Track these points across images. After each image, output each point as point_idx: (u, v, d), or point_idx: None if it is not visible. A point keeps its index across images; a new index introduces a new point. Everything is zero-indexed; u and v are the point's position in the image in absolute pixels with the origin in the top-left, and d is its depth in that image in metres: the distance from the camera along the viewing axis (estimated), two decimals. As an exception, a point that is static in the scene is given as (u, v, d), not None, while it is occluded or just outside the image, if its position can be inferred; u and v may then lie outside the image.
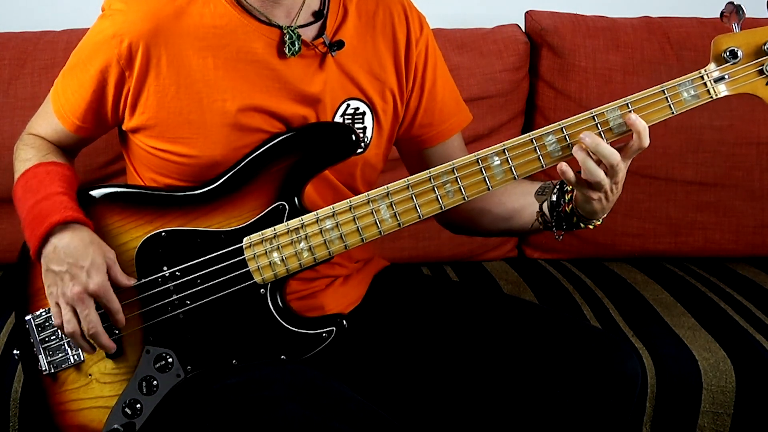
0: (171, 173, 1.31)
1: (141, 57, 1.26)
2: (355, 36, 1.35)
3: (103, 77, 1.29)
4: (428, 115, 1.43)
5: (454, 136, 1.47)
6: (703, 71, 1.22)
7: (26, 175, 1.32)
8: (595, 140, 1.19)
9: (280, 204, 1.27)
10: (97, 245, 1.25)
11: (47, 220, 1.24)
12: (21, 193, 1.31)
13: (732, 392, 1.53)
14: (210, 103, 1.27)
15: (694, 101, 1.22)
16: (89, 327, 1.23)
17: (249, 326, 1.27)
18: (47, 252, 1.24)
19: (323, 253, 1.25)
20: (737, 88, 1.22)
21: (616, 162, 1.19)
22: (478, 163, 1.22)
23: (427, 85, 1.42)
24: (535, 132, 1.21)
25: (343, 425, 1.12)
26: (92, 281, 1.22)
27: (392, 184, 1.24)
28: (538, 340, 1.28)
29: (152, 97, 1.28)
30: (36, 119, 1.42)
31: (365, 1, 1.38)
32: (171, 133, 1.29)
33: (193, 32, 1.27)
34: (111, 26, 1.28)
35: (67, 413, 1.31)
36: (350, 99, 1.35)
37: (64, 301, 1.23)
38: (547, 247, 2.02)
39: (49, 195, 1.27)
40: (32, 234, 1.25)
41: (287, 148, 1.28)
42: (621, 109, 1.21)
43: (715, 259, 2.02)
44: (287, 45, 1.28)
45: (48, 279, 1.24)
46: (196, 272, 1.27)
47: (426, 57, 1.42)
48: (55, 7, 2.11)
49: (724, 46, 1.22)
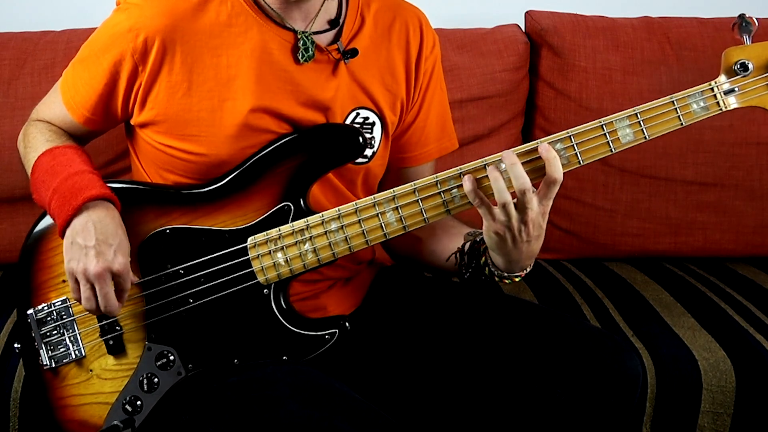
0: (177, 170, 1.31)
1: (155, 52, 1.26)
2: (370, 45, 1.35)
3: (116, 70, 1.29)
4: (416, 135, 1.43)
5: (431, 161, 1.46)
6: (714, 83, 1.21)
7: (54, 152, 1.30)
8: (513, 159, 1.16)
9: (285, 204, 1.27)
10: (124, 230, 1.24)
11: (84, 192, 1.22)
12: (48, 166, 1.29)
13: (732, 392, 1.53)
14: (220, 102, 1.27)
15: (704, 113, 1.21)
16: (106, 305, 1.21)
17: (251, 326, 1.27)
18: (77, 224, 1.22)
19: (327, 255, 1.25)
20: (747, 101, 1.21)
21: (524, 188, 1.15)
22: (485, 169, 1.21)
23: (424, 105, 1.43)
24: (544, 139, 1.21)
25: (344, 425, 1.12)
26: (117, 261, 1.21)
27: (398, 188, 1.23)
28: (538, 341, 1.28)
29: (163, 93, 1.28)
30: (42, 108, 1.41)
31: (383, 12, 1.38)
32: (179, 130, 1.28)
33: (208, 30, 1.27)
34: (127, 20, 1.27)
35: (67, 408, 1.31)
36: (360, 108, 1.35)
37: (84, 276, 1.21)
38: (547, 247, 2.01)
39: (84, 171, 1.26)
40: (65, 203, 1.23)
41: (294, 148, 1.28)
42: (630, 119, 1.20)
43: (715, 259, 2.02)
44: (300, 51, 1.28)
45: (71, 252, 1.22)
46: (199, 271, 1.27)
47: (431, 76, 1.42)
48: (55, 7, 2.10)
49: (735, 58, 1.21)
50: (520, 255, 1.21)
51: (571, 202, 1.96)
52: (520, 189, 1.15)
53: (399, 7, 1.40)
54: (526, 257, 1.23)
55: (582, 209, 1.97)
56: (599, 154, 1.21)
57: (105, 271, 1.20)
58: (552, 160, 1.15)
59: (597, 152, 1.21)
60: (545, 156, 1.16)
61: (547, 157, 1.16)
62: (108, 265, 1.20)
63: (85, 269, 1.20)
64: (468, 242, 1.33)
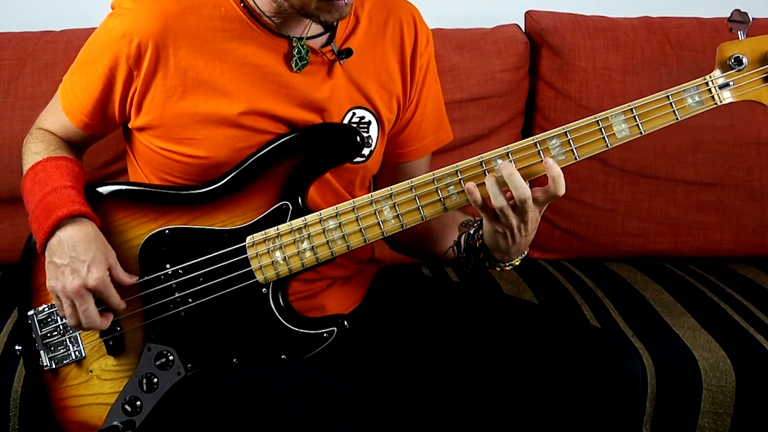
0: (175, 172, 1.31)
1: (149, 57, 1.26)
2: (365, 45, 1.35)
3: (111, 75, 1.29)
4: (413, 131, 1.44)
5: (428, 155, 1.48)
6: (708, 77, 1.21)
7: (35, 169, 1.32)
8: (510, 169, 1.17)
9: (283, 204, 1.27)
10: (101, 242, 1.25)
11: (55, 213, 1.24)
12: (30, 185, 1.31)
13: (732, 392, 1.53)
14: (216, 106, 1.27)
15: (699, 107, 1.21)
16: (87, 322, 1.23)
17: (250, 325, 1.27)
18: (52, 244, 1.24)
19: (326, 253, 1.25)
20: (742, 95, 1.22)
21: (524, 197, 1.16)
22: (482, 165, 1.21)
23: (421, 100, 1.43)
24: (540, 135, 1.21)
25: (343, 424, 1.12)
26: (91, 276, 1.22)
27: (395, 186, 1.24)
28: (538, 341, 1.28)
29: (158, 97, 1.28)
30: (45, 114, 1.42)
31: (377, 10, 1.38)
32: (176, 134, 1.29)
33: (202, 34, 1.27)
34: (120, 25, 1.28)
35: (67, 409, 1.32)
36: (356, 108, 1.35)
37: (63, 294, 1.23)
38: (547, 247, 2.02)
39: (57, 188, 1.27)
40: (39, 227, 1.25)
41: (292, 148, 1.28)
42: (625, 114, 1.20)
43: (715, 259, 2.02)
44: (295, 59, 1.29)
45: (50, 272, 1.25)
46: (198, 270, 1.27)
47: (426, 71, 1.42)
48: (55, 7, 2.10)
49: (729, 53, 1.21)
50: (519, 247, 1.25)
51: (571, 202, 1.96)
52: (520, 198, 1.16)
53: (392, 5, 1.40)
54: (524, 247, 1.27)
55: (582, 209, 1.97)
56: (595, 149, 1.21)
57: (80, 287, 1.22)
58: (556, 178, 1.16)
59: (593, 147, 1.21)
60: (550, 174, 1.17)
61: (551, 175, 1.17)
62: (82, 282, 1.21)
63: (63, 287, 1.23)
64: (462, 234, 1.33)
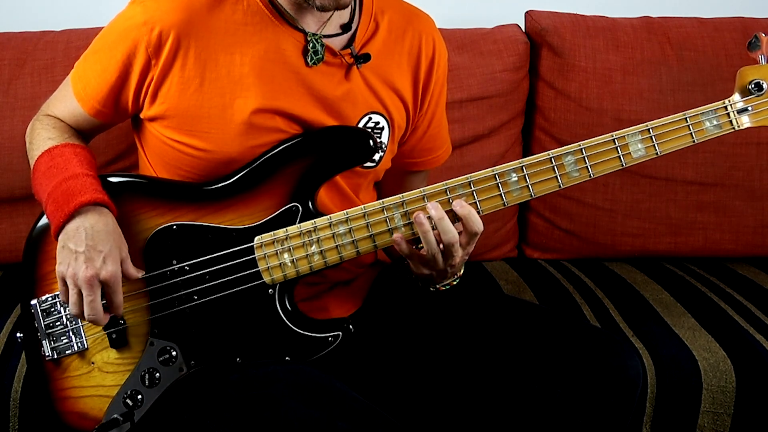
0: (184, 166, 1.31)
1: (169, 47, 1.26)
2: (383, 51, 1.36)
3: (129, 62, 1.28)
4: (429, 141, 1.47)
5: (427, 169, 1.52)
6: (727, 102, 1.21)
7: (51, 153, 1.30)
8: (441, 213, 1.19)
9: (293, 205, 1.27)
10: (118, 235, 1.24)
11: (77, 198, 1.22)
12: (45, 168, 1.29)
13: (732, 392, 1.53)
14: (232, 100, 1.27)
15: (716, 131, 1.21)
16: (90, 313, 1.22)
17: (255, 325, 1.27)
18: (69, 229, 1.22)
19: (334, 257, 1.25)
20: (760, 120, 1.22)
21: (452, 242, 1.19)
22: (495, 178, 1.22)
23: (437, 114, 1.45)
24: (555, 151, 1.21)
25: (344, 424, 1.12)
26: (106, 269, 1.21)
27: (407, 194, 1.23)
28: (538, 341, 1.28)
29: (174, 87, 1.28)
30: (53, 101, 1.41)
31: (397, 19, 1.39)
32: (189, 126, 1.28)
33: (223, 27, 1.27)
34: (142, 13, 1.27)
35: (67, 400, 1.31)
36: (372, 113, 1.35)
37: (72, 281, 1.21)
38: (547, 247, 2.02)
39: (79, 175, 1.26)
40: (58, 209, 1.23)
41: (305, 149, 1.28)
42: (642, 134, 1.21)
43: (715, 259, 2.02)
44: (309, 53, 1.29)
45: (62, 256, 1.23)
46: (205, 268, 1.27)
47: (440, 88, 1.45)
48: (55, 7, 2.10)
49: (749, 77, 1.21)
50: (446, 276, 1.29)
51: (571, 202, 1.96)
52: (447, 243, 1.20)
53: (412, 15, 1.41)
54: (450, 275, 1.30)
55: (582, 209, 1.97)
56: (610, 168, 1.22)
57: (93, 277, 1.20)
58: (468, 215, 1.20)
59: (607, 166, 1.22)
60: (461, 213, 1.20)
61: (462, 213, 1.20)
62: (96, 272, 1.20)
63: (74, 274, 1.21)
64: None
